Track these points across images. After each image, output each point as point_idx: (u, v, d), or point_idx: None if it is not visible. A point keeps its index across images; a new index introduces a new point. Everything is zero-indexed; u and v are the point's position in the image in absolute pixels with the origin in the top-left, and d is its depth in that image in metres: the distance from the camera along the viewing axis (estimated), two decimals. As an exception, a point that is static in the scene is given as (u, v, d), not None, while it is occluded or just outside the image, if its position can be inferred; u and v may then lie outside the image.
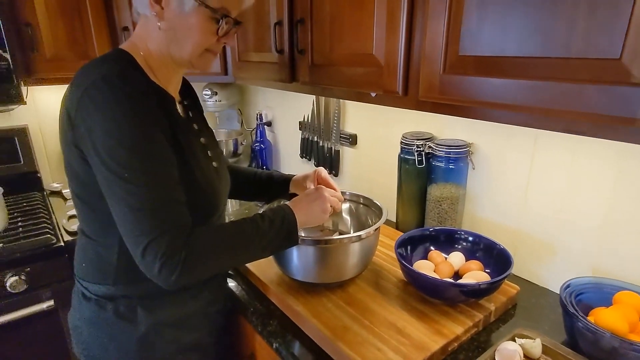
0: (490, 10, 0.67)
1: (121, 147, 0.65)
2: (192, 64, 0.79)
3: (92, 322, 0.82)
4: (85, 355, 0.85)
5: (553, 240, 1.01)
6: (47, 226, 1.39)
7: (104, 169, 0.66)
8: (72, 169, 0.75)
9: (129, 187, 0.65)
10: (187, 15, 0.73)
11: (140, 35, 0.78)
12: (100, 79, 0.66)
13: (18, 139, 1.64)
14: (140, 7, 0.76)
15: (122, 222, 0.68)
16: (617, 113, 0.56)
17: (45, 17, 1.39)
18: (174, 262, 0.66)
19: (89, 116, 0.66)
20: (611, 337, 0.71)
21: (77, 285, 0.86)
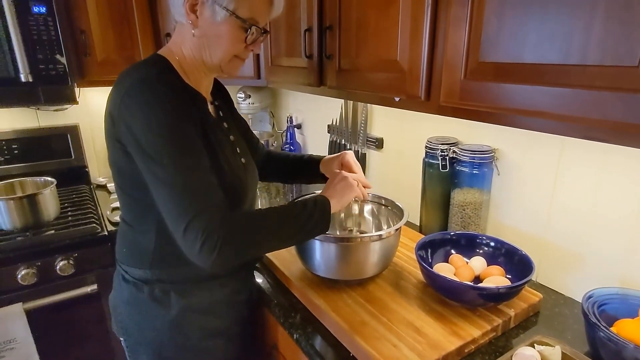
0: (508, 18, 0.69)
1: (159, 137, 0.72)
2: (221, 68, 0.86)
3: (129, 303, 0.90)
4: (123, 333, 0.93)
5: (579, 249, 1.00)
6: (93, 216, 1.51)
7: (145, 158, 0.73)
8: (114, 162, 0.82)
9: (168, 171, 0.72)
10: (218, 24, 0.80)
11: (175, 41, 0.85)
12: (139, 80, 0.74)
13: (70, 136, 1.79)
14: (177, 16, 0.83)
15: (164, 205, 0.74)
16: (636, 120, 0.56)
17: (97, 25, 1.52)
18: (213, 240, 0.71)
19: (129, 113, 0.73)
20: (634, 349, 0.70)
21: (118, 268, 0.94)
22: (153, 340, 0.90)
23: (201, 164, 0.76)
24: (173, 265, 0.86)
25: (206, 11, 0.79)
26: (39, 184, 1.52)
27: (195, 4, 0.79)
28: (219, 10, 0.78)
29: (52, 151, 1.77)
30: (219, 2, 0.78)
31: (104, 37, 1.55)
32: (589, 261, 0.98)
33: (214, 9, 0.78)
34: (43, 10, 1.34)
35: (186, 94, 0.79)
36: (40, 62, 1.38)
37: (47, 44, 1.37)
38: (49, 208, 1.42)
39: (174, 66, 0.82)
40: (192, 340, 0.91)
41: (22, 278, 1.28)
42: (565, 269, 1.03)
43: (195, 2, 0.78)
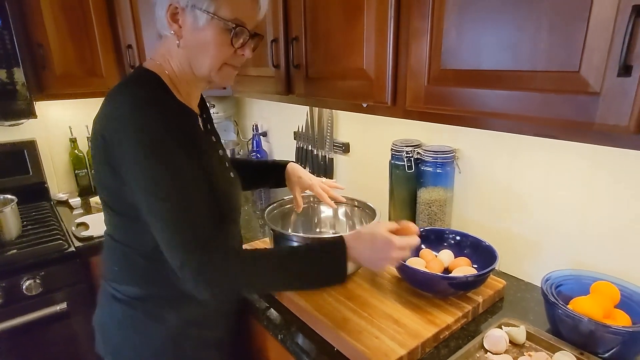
0: (466, 30, 0.76)
1: (156, 167, 0.70)
2: (211, 78, 0.83)
3: (122, 323, 0.86)
4: (112, 354, 0.89)
5: (536, 238, 1.09)
6: (58, 233, 1.46)
7: (141, 188, 0.71)
8: (104, 184, 0.79)
9: (165, 206, 0.70)
10: (202, 29, 0.76)
11: (163, 55, 0.82)
12: (132, 103, 0.71)
13: (27, 152, 1.72)
14: (162, 29, 0.81)
15: (158, 236, 0.73)
16: (579, 118, 0.64)
17: (55, 38, 1.48)
18: (205, 282, 0.71)
19: (124, 138, 0.70)
20: (588, 322, 0.79)
21: (106, 287, 0.89)
22: (149, 359, 0.87)
23: (198, 196, 0.74)
24: (171, 282, 0.83)
25: (187, 18, 0.76)
26: (-2, 202, 1.45)
27: (176, 12, 0.76)
28: (199, 15, 0.75)
29: (8, 168, 1.69)
30: (198, 5, 0.75)
31: (62, 50, 1.51)
32: (545, 248, 1.08)
33: (195, 14, 0.75)
34: (-2, 24, 1.30)
35: (180, 114, 0.78)
36: (-4, 76, 1.33)
37: (3, 57, 1.32)
38: (10, 226, 1.36)
39: (165, 82, 0.79)
40: (189, 353, 0.89)
41: (-15, 301, 1.22)
42: (524, 256, 1.13)
43: (176, 10, 0.76)
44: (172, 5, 0.76)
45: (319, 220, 1.22)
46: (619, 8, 0.58)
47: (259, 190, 1.90)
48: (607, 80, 0.61)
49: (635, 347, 0.80)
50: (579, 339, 0.82)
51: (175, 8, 0.76)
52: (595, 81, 0.62)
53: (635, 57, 0.57)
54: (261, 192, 1.90)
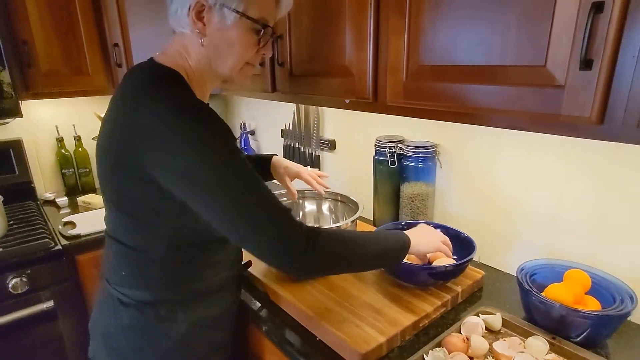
0: (442, 27, 0.79)
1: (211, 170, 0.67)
2: (232, 77, 0.82)
3: (130, 327, 0.83)
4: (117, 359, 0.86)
5: (513, 229, 1.13)
6: (44, 232, 1.45)
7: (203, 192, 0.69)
8: (119, 186, 0.76)
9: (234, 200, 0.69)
10: (228, 29, 0.75)
11: (178, 52, 0.79)
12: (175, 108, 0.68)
13: (13, 151, 1.71)
14: (180, 27, 0.78)
15: (236, 231, 0.71)
16: (547, 110, 0.68)
17: (40, 35, 1.48)
18: (302, 263, 0.72)
19: (173, 147, 0.67)
20: (560, 307, 0.82)
21: (111, 291, 0.85)
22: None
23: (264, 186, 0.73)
24: (181, 284, 0.83)
25: (214, 17, 0.74)
26: (-17, 201, 1.44)
27: (202, 10, 0.74)
28: (228, 14, 0.74)
29: (-6, 167, 1.68)
30: (228, 4, 0.73)
31: (48, 48, 1.50)
32: (522, 239, 1.11)
33: (223, 12, 0.74)
34: (-18, 21, 1.30)
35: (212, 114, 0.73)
36: (-19, 75, 1.33)
37: (-13, 55, 1.32)
38: (-4, 225, 1.35)
39: (187, 81, 0.76)
40: (198, 356, 0.88)
41: (-29, 299, 1.22)
42: (503, 248, 1.16)
43: (202, 8, 0.74)
44: (198, 3, 0.74)
45: (303, 215, 1.24)
46: (580, 5, 0.61)
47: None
48: (570, 74, 0.64)
49: (604, 331, 0.84)
50: (551, 324, 0.85)
51: (202, 6, 0.74)
52: (560, 75, 0.65)
53: (595, 52, 0.61)
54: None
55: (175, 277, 0.82)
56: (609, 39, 0.59)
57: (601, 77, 0.61)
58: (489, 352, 0.82)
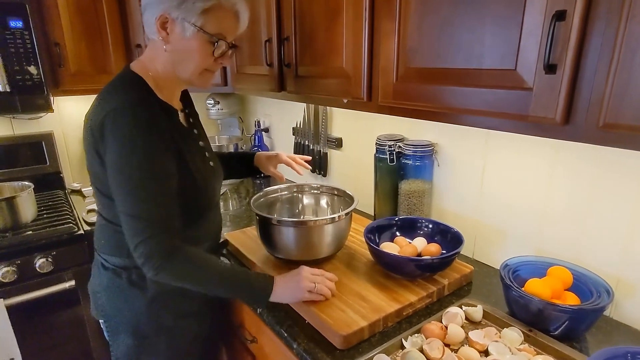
0: (425, 32, 0.85)
1: (129, 167, 0.81)
2: (192, 82, 0.94)
3: (109, 288, 0.99)
4: (102, 316, 1.02)
5: (504, 227, 1.16)
6: (69, 218, 1.59)
7: (116, 179, 0.83)
8: (93, 169, 0.91)
9: (131, 198, 0.83)
10: (188, 39, 0.88)
11: (149, 57, 0.93)
12: (120, 107, 0.82)
13: (45, 143, 1.86)
14: (150, 33, 0.91)
15: (123, 222, 0.85)
16: (517, 111, 0.72)
17: (71, 38, 1.62)
18: (151, 265, 0.84)
19: (110, 136, 0.82)
20: (538, 301, 0.86)
21: (97, 257, 1.02)
22: (131, 321, 0.99)
23: (164, 193, 0.85)
24: None
25: (176, 28, 0.87)
26: (16, 188, 1.59)
27: (166, 21, 0.86)
28: (188, 27, 0.86)
29: (28, 158, 1.84)
30: (188, 19, 0.85)
31: (77, 50, 1.64)
32: (511, 237, 1.15)
33: (184, 25, 0.86)
34: (19, 25, 1.43)
35: (162, 113, 0.88)
36: (17, 73, 1.47)
37: (24, 56, 1.46)
38: (27, 210, 1.49)
39: (149, 83, 0.90)
40: (167, 320, 1.01)
41: (2, 276, 1.35)
42: (494, 245, 1.19)
43: (166, 20, 0.86)
44: (163, 15, 0.86)
45: (302, 208, 1.31)
46: (545, 13, 0.65)
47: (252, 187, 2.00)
48: (537, 77, 0.68)
49: (582, 325, 0.86)
50: (530, 318, 0.88)
51: (165, 18, 0.86)
52: (529, 78, 0.70)
53: (558, 57, 0.65)
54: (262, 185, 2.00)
55: None
56: (570, 45, 0.63)
57: (564, 81, 0.65)
58: (465, 340, 0.87)
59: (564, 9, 0.63)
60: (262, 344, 1.09)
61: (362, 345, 0.87)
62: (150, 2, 0.87)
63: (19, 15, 1.43)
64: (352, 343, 0.86)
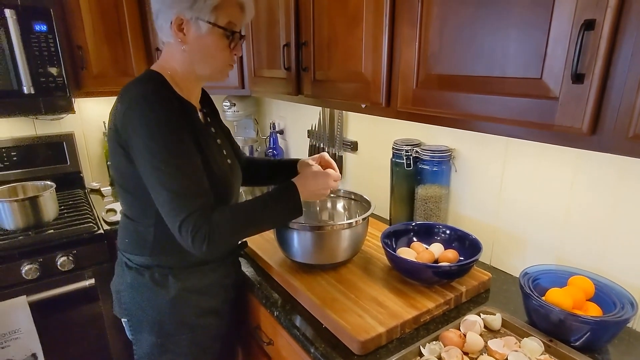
0: (447, 39, 0.84)
1: (158, 146, 0.84)
2: (212, 76, 0.99)
3: (132, 287, 1.01)
4: (126, 314, 1.04)
5: (524, 235, 1.15)
6: (89, 217, 1.62)
7: (147, 164, 0.85)
8: (117, 166, 0.94)
9: (166, 177, 0.85)
10: (204, 36, 0.92)
11: (166, 59, 0.97)
12: (138, 96, 0.86)
13: (66, 144, 1.90)
14: (165, 37, 0.95)
15: (162, 204, 0.87)
16: (541, 120, 0.71)
17: (93, 41, 1.65)
18: (202, 234, 0.85)
19: (132, 125, 0.85)
20: (559, 311, 0.85)
21: (121, 256, 1.05)
22: (154, 319, 1.01)
23: (194, 168, 0.88)
24: (170, 253, 0.99)
25: (192, 27, 0.91)
26: (39, 187, 1.62)
27: (181, 23, 0.91)
28: (202, 25, 0.91)
29: (49, 158, 1.88)
30: (201, 17, 0.90)
31: (99, 52, 1.67)
32: (531, 245, 1.13)
33: (198, 24, 0.91)
34: (44, 29, 1.47)
35: (179, 105, 0.91)
36: (41, 76, 1.50)
37: (48, 58, 1.50)
38: (49, 209, 1.53)
39: (167, 80, 0.94)
40: (189, 318, 1.03)
41: (25, 273, 1.39)
42: (512, 252, 1.18)
43: (181, 21, 0.91)
44: (177, 17, 0.90)
45: (319, 212, 1.31)
46: (573, 22, 0.64)
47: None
48: (564, 87, 0.67)
49: (604, 336, 0.85)
50: (550, 328, 0.87)
51: (180, 20, 0.91)
52: (555, 87, 0.69)
53: (587, 67, 0.64)
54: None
55: (166, 246, 0.98)
56: (599, 55, 0.63)
57: (592, 91, 0.64)
58: (484, 349, 0.86)
59: (594, 18, 0.62)
60: (278, 347, 1.09)
61: (379, 351, 0.87)
62: (162, 8, 0.92)
63: (43, 19, 1.47)
64: (370, 349, 0.86)
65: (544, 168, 1.07)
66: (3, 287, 1.38)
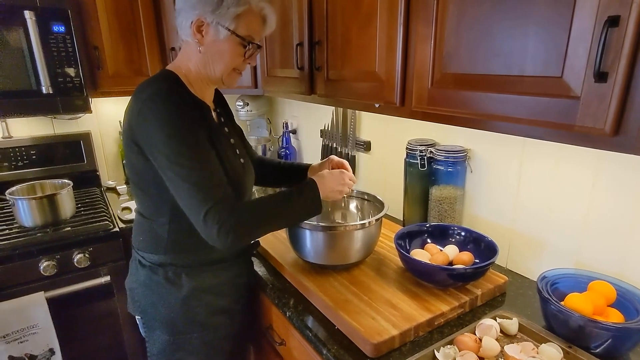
0: (463, 38, 0.82)
1: (175, 141, 0.84)
2: (222, 80, 0.99)
3: (145, 284, 1.02)
4: (139, 312, 1.06)
5: (542, 237, 1.12)
6: (105, 215, 1.64)
7: (164, 160, 0.85)
8: (132, 164, 0.95)
9: (185, 170, 0.85)
10: (221, 41, 0.94)
11: (182, 58, 0.98)
12: (153, 94, 0.87)
13: (83, 142, 1.94)
14: (184, 35, 0.96)
15: (182, 199, 0.88)
16: (562, 120, 0.69)
17: (109, 41, 1.67)
18: (227, 227, 0.85)
19: (147, 122, 0.86)
20: (578, 317, 0.82)
21: (135, 254, 1.07)
22: (167, 317, 1.02)
23: (211, 161, 0.89)
24: (184, 251, 1.00)
25: (211, 31, 0.92)
26: (57, 185, 1.66)
27: (201, 25, 0.92)
28: (221, 30, 0.92)
29: (66, 156, 1.91)
30: (222, 23, 0.91)
31: (114, 52, 1.70)
32: (549, 248, 1.10)
33: (218, 29, 0.92)
34: (62, 30, 1.49)
35: (193, 103, 0.92)
36: (59, 76, 1.53)
37: (65, 59, 1.53)
38: (66, 207, 1.55)
39: (182, 79, 0.95)
40: (201, 316, 1.04)
41: (43, 269, 1.42)
42: (529, 255, 1.16)
43: (201, 23, 0.92)
44: (198, 19, 0.92)
45: (332, 212, 1.30)
46: (596, 19, 0.62)
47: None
48: (586, 86, 0.65)
49: (626, 344, 0.82)
50: (569, 334, 0.85)
51: (201, 22, 0.92)
52: (576, 86, 0.66)
53: (610, 65, 0.62)
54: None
55: (179, 245, 0.99)
56: (624, 53, 0.60)
57: (616, 90, 0.62)
58: (500, 354, 0.84)
59: (618, 14, 0.59)
60: (290, 347, 1.09)
61: (392, 354, 0.86)
62: (185, 7, 0.93)
63: (61, 20, 1.49)
64: (383, 352, 0.85)
65: (563, 169, 1.04)
66: (22, 283, 1.41)
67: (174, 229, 0.97)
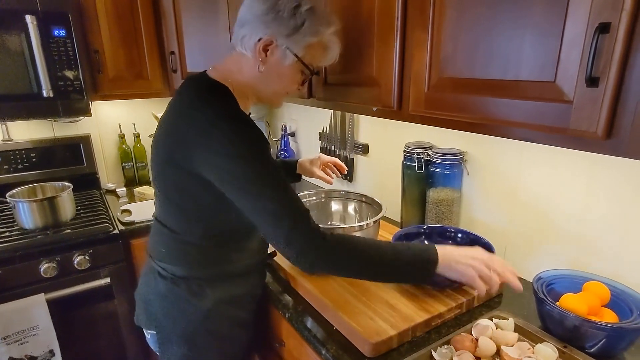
0: (460, 42, 0.84)
1: (250, 167, 0.80)
2: (271, 100, 0.99)
3: (165, 297, 0.97)
4: (154, 325, 1.00)
5: (536, 239, 1.13)
6: (105, 217, 1.65)
7: (238, 184, 0.81)
8: (172, 180, 0.89)
9: (267, 189, 0.80)
10: (286, 66, 0.90)
11: (231, 69, 0.92)
12: (217, 118, 0.80)
13: (82, 145, 1.95)
14: (243, 48, 0.90)
15: (262, 220, 0.82)
16: (556, 124, 0.71)
17: (109, 45, 1.69)
18: (308, 259, 0.81)
19: (216, 148, 0.79)
20: (573, 317, 0.84)
21: (153, 265, 1.00)
22: (186, 331, 0.98)
23: (289, 189, 0.83)
24: (211, 265, 0.97)
25: (278, 54, 0.88)
26: (57, 188, 1.67)
27: (269, 45, 0.87)
28: (289, 55, 0.89)
29: (66, 159, 1.92)
30: (292, 49, 0.88)
31: (115, 56, 1.71)
32: (544, 249, 1.12)
33: (286, 53, 0.88)
34: (63, 34, 1.51)
35: (253, 125, 0.86)
36: (60, 79, 1.54)
37: (66, 62, 1.54)
38: (66, 209, 1.56)
39: (233, 93, 0.88)
40: (222, 329, 1.01)
41: (44, 271, 1.43)
42: (526, 256, 1.17)
43: (270, 43, 0.87)
44: (268, 39, 0.87)
45: (330, 214, 1.32)
46: (588, 25, 0.64)
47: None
48: (578, 90, 0.67)
49: (620, 343, 0.84)
50: (565, 334, 0.86)
51: (270, 42, 0.88)
52: (569, 90, 0.68)
53: (601, 70, 0.63)
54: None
55: (207, 258, 0.96)
56: (614, 59, 0.62)
57: (607, 94, 0.63)
58: (496, 354, 0.86)
59: (609, 21, 0.61)
60: (290, 348, 1.10)
61: (391, 354, 0.87)
62: (255, 22, 0.87)
63: (62, 24, 1.50)
64: (381, 351, 0.86)
65: (559, 171, 1.05)
66: (23, 284, 1.42)
67: (205, 246, 0.94)
